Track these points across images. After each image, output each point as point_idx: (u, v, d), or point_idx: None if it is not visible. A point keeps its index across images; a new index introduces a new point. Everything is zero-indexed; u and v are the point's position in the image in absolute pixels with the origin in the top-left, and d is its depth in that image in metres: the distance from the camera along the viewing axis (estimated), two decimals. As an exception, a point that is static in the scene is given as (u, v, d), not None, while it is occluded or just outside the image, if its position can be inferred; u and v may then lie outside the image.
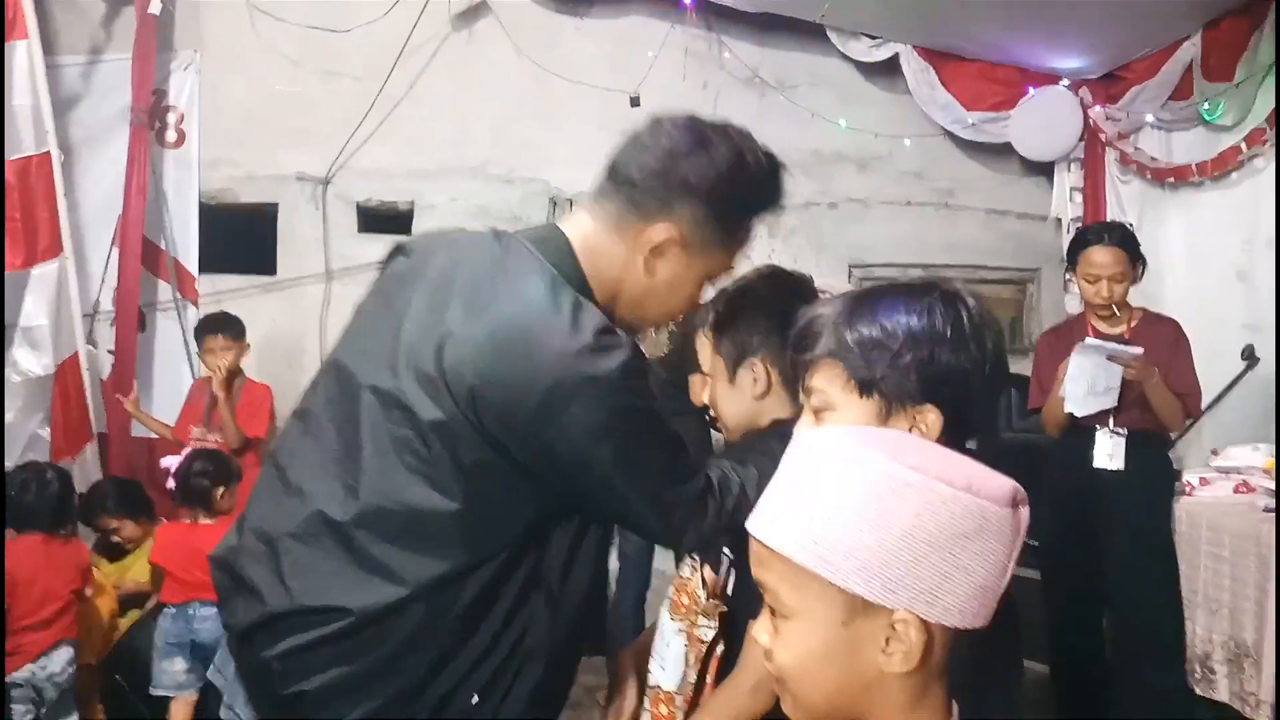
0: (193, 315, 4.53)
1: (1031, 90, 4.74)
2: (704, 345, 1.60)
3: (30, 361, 3.83)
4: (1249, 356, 3.65)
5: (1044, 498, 3.39)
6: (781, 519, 0.83)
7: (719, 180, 1.36)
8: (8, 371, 3.84)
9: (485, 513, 1.26)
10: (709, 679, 1.49)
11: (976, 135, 4.92)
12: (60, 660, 3.05)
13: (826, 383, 1.15)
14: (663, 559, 4.30)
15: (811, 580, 0.80)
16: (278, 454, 1.43)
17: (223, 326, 4.13)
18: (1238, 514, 3.02)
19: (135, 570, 3.66)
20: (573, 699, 4.10)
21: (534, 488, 1.27)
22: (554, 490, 1.29)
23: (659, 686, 1.52)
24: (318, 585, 1.26)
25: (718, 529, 1.36)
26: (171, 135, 4.74)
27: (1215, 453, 3.44)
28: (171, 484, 3.31)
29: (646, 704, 1.56)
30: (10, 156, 3.80)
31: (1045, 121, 4.74)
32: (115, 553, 3.76)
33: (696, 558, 1.56)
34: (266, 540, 1.32)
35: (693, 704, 1.50)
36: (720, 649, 1.48)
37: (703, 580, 1.52)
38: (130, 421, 4.29)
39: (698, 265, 1.41)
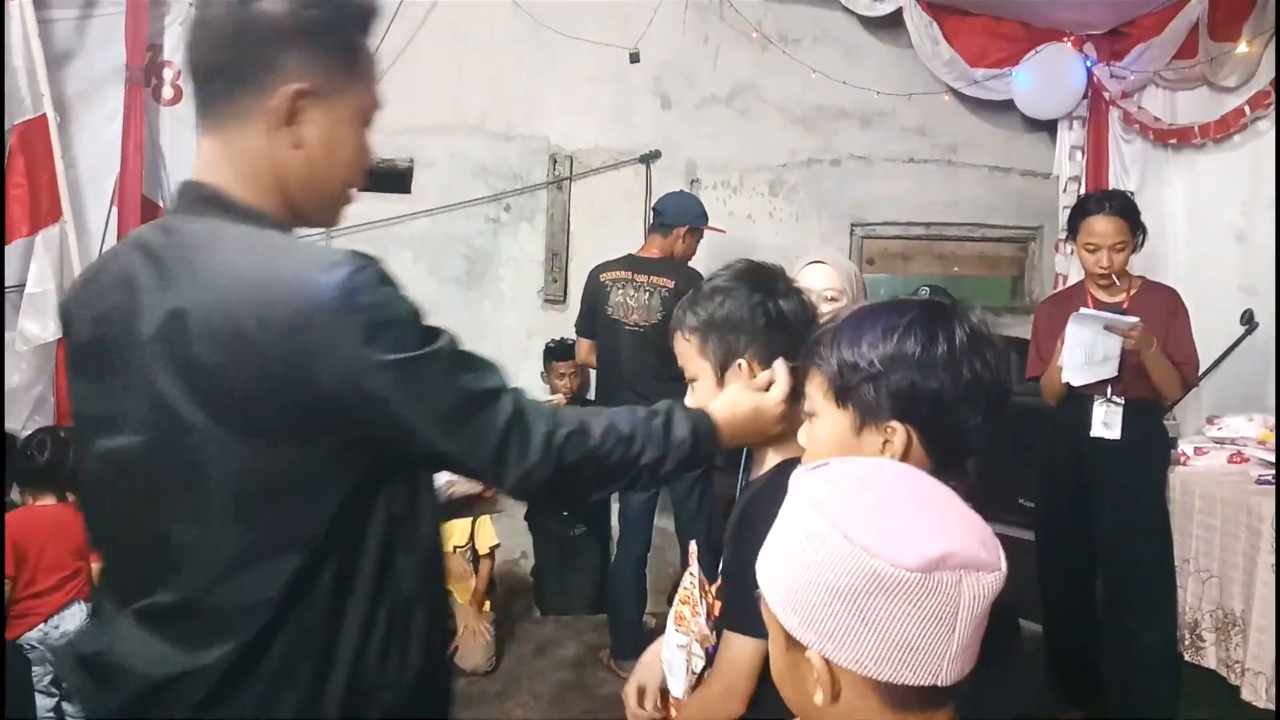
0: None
1: (1037, 48, 4.68)
2: (687, 347, 1.58)
3: (37, 328, 3.84)
4: (1248, 322, 3.68)
5: (1041, 462, 3.46)
6: (765, 546, 0.93)
7: (301, 9, 1.21)
8: (15, 339, 3.85)
9: (288, 505, 1.16)
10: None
11: (980, 92, 4.88)
12: (74, 619, 3.11)
13: (813, 389, 1.26)
14: (663, 519, 4.37)
15: (769, 606, 0.90)
16: None
17: None
18: (1230, 484, 3.08)
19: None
20: (578, 657, 4.22)
21: (326, 450, 1.16)
22: (349, 445, 1.17)
23: (670, 692, 1.58)
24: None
25: (541, 471, 1.22)
26: (168, 92, 4.67)
27: (1211, 421, 3.49)
28: None
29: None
30: (14, 121, 3.77)
31: (1049, 79, 4.69)
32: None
33: (696, 576, 1.60)
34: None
35: None
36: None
37: (700, 598, 1.57)
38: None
39: (343, 111, 1.28)
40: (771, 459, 1.55)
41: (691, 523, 4.06)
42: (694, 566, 1.65)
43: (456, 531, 4.12)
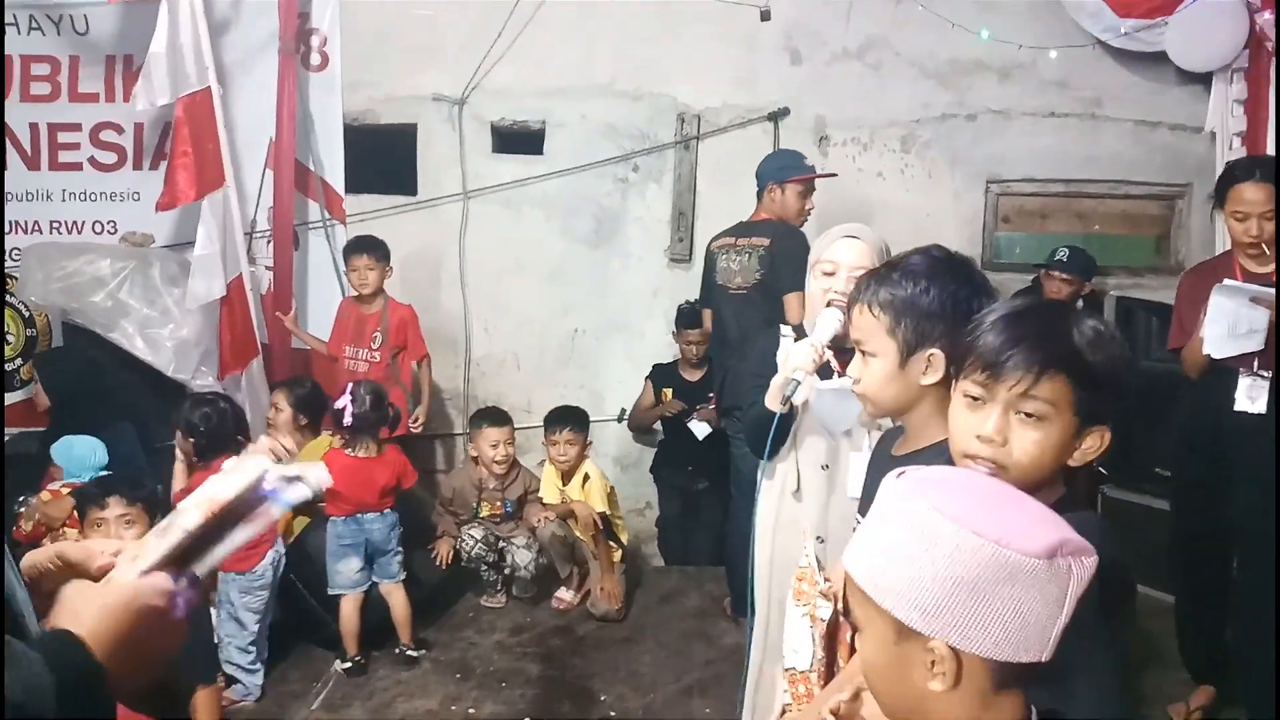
0: (340, 234, 4.78)
1: (1192, -5, 4.43)
2: (873, 323, 1.59)
3: (203, 287, 4.15)
4: None
5: (1180, 433, 3.37)
6: (855, 546, 1.01)
7: None
8: (185, 296, 4.17)
9: None
10: (841, 656, 1.62)
11: (1129, 44, 4.66)
12: (268, 563, 3.44)
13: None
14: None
15: (869, 601, 0.97)
16: None
17: (368, 247, 4.41)
18: (1383, 464, 2.93)
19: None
20: (700, 607, 4.36)
21: None
22: None
23: (794, 668, 1.66)
24: None
25: None
26: (315, 59, 4.90)
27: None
28: (348, 420, 3.62)
29: (785, 685, 1.70)
30: (180, 93, 4.05)
31: (1207, 29, 4.44)
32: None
33: (811, 552, 1.68)
34: None
35: (826, 679, 1.64)
36: (849, 632, 1.61)
37: (818, 564, 1.64)
38: (290, 336, 4.62)
39: None
40: (934, 435, 1.56)
41: None
42: (809, 544, 1.73)
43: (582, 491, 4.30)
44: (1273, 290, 2.91)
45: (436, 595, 4.16)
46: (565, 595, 4.29)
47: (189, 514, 0.93)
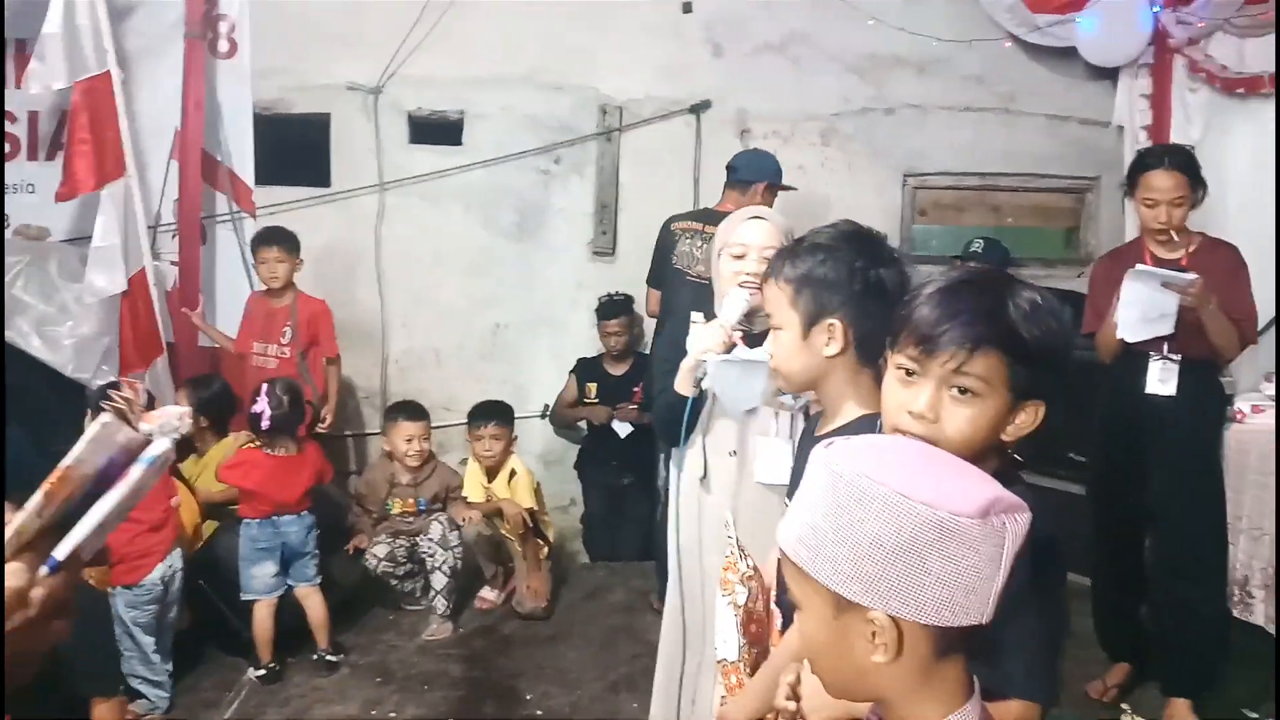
0: (250, 227, 4.61)
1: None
2: (778, 295, 1.61)
3: (104, 280, 3.96)
4: (1311, 277, 3.59)
5: (1095, 417, 3.44)
6: (788, 522, 0.97)
7: None
8: (83, 291, 3.97)
9: None
10: (773, 644, 1.59)
11: (1042, 40, 4.76)
12: (156, 576, 3.27)
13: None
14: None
15: (805, 578, 0.93)
16: None
17: (277, 239, 4.28)
18: (1287, 443, 3.04)
19: (204, 480, 3.86)
20: (626, 603, 4.32)
21: None
22: None
23: (725, 659, 1.63)
24: None
25: None
26: (224, 45, 4.71)
27: (1268, 379, 3.43)
28: (266, 425, 3.48)
29: (719, 677, 1.66)
30: (77, 78, 3.85)
31: (1115, 24, 4.56)
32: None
33: (734, 540, 1.65)
34: None
35: (754, 669, 1.61)
36: (779, 621, 1.58)
37: (741, 553, 1.62)
38: (197, 333, 4.44)
39: None
40: (850, 411, 1.57)
41: None
42: (731, 531, 1.70)
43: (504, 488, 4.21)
44: (1183, 275, 2.98)
45: (354, 598, 4.04)
46: (489, 594, 4.20)
47: (34, 495, 0.85)
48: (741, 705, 1.58)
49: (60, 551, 0.84)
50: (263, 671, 3.44)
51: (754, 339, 2.10)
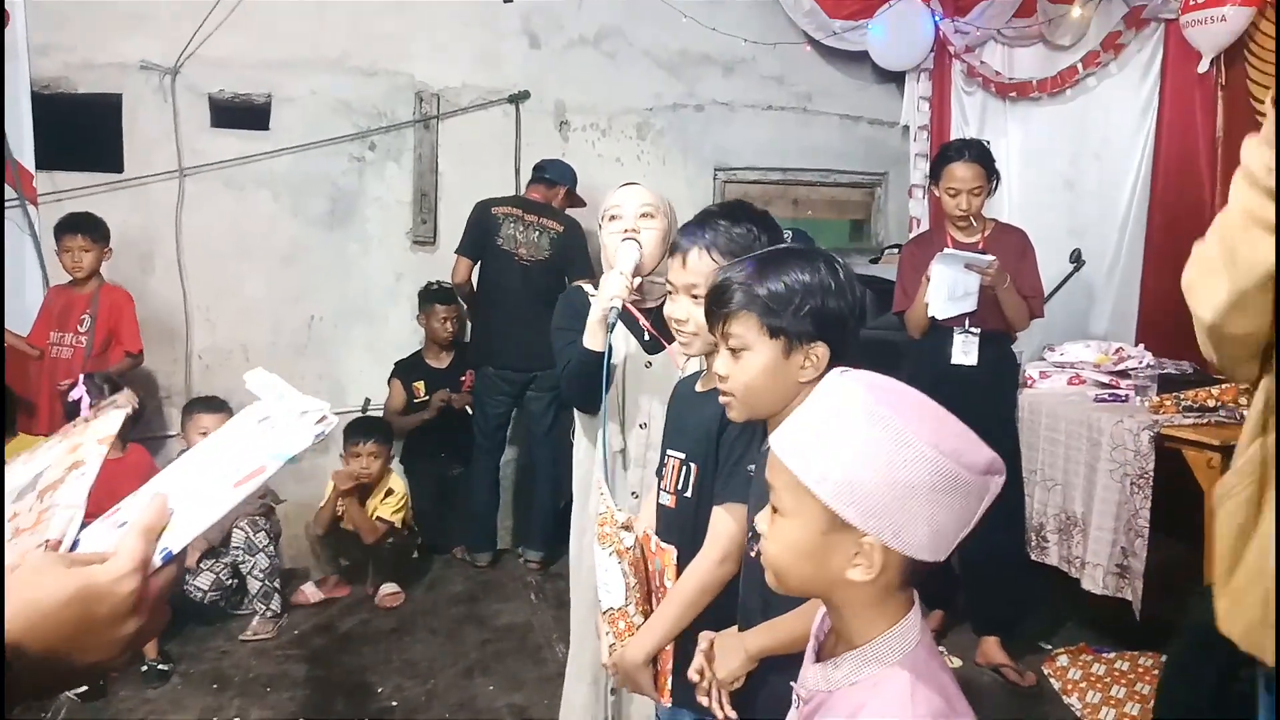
0: (34, 216, 4.22)
1: (890, 2, 4.94)
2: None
3: None
4: (1076, 259, 4.07)
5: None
6: (796, 439, 1.04)
7: None
8: None
9: None
10: (665, 580, 1.69)
11: (837, 43, 5.12)
12: None
13: (743, 329, 1.45)
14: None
15: (808, 494, 1.01)
16: None
17: (83, 227, 3.97)
18: (1071, 403, 3.44)
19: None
20: (468, 592, 4.28)
21: None
22: None
23: (611, 609, 1.69)
24: None
25: None
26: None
27: (1051, 348, 3.87)
28: (86, 414, 3.18)
29: (606, 628, 1.72)
30: None
31: (900, 32, 4.98)
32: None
33: (608, 495, 1.75)
34: None
35: (645, 607, 1.70)
36: (665, 559, 1.69)
37: (614, 505, 1.72)
38: (-26, 330, 4.00)
39: None
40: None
41: (544, 439, 4.53)
42: (604, 489, 1.80)
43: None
44: (983, 257, 3.32)
45: (176, 605, 3.78)
46: (308, 590, 4.09)
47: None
48: (640, 644, 1.66)
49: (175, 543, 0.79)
50: (82, 689, 3.17)
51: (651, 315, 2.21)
